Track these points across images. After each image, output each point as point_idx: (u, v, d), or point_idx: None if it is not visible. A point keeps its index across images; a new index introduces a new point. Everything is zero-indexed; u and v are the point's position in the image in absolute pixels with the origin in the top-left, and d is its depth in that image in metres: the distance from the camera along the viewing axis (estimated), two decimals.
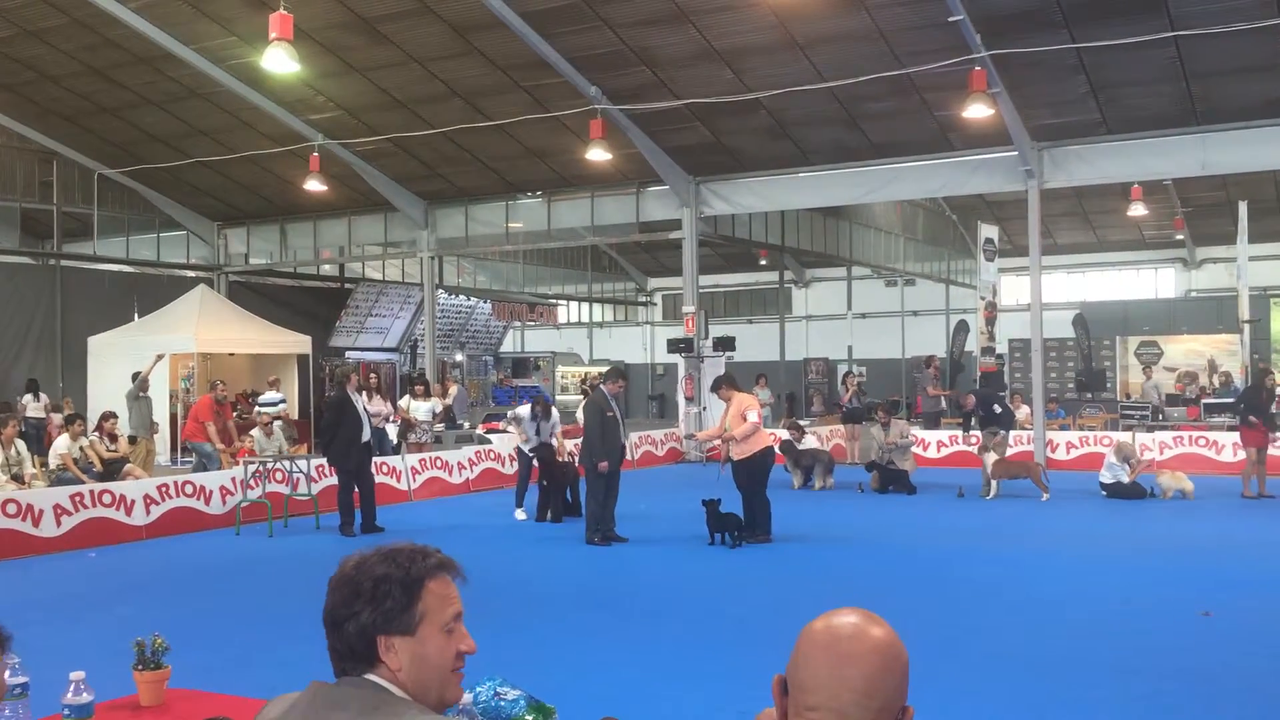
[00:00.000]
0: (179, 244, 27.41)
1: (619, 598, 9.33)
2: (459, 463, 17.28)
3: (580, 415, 15.03)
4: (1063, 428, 21.33)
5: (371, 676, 1.92)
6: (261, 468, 13.72)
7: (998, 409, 17.39)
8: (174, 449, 20.42)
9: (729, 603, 8.97)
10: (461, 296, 31.80)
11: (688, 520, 12.36)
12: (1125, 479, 15.19)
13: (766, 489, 11.76)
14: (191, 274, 26.87)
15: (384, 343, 30.10)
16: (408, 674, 1.92)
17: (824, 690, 1.66)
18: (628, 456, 20.51)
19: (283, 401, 21.18)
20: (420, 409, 19.65)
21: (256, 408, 19.69)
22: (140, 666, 5.54)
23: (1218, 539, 11.80)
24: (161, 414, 19.84)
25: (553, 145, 21.49)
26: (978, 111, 16.47)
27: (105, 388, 20.34)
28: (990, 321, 22.07)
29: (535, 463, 14.08)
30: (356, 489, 12.97)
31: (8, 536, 11.25)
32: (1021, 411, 20.44)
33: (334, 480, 13.42)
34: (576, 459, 13.58)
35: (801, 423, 20.14)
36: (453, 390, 22.95)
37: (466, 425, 22.19)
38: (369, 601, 1.92)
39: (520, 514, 14.10)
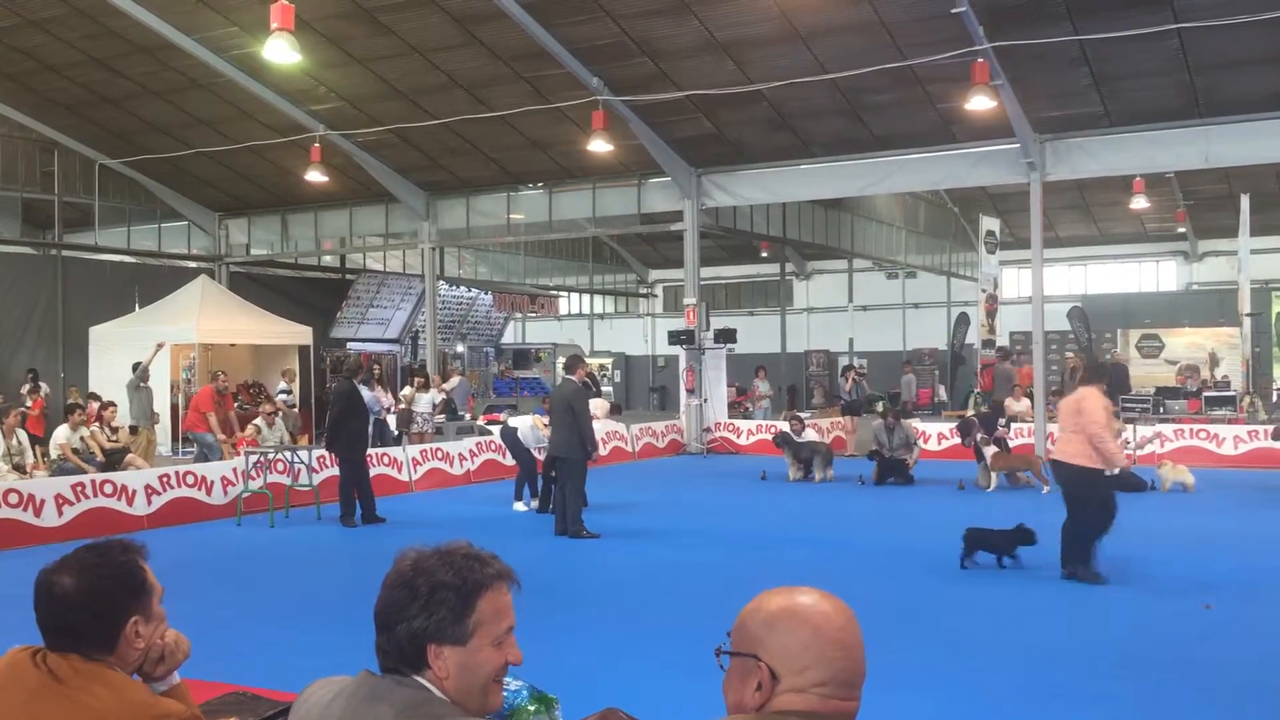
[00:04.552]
0: (180, 234, 27.39)
1: (620, 589, 9.35)
2: (460, 454, 17.29)
3: (544, 407, 14.96)
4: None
5: (418, 679, 1.90)
6: (263, 458, 13.74)
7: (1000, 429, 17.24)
8: (175, 439, 20.45)
9: (732, 595, 8.97)
10: (463, 288, 31.79)
11: (689, 513, 12.39)
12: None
13: None
14: (193, 264, 26.87)
15: (385, 334, 30.10)
16: (453, 682, 1.90)
17: (832, 666, 1.82)
18: (629, 449, 20.72)
19: (287, 393, 21.25)
20: (421, 400, 19.68)
21: (279, 396, 19.75)
22: None
23: (1218, 532, 11.80)
24: (162, 404, 19.85)
25: (554, 136, 21.45)
26: (980, 103, 16.42)
27: (106, 378, 20.35)
28: (991, 314, 22.04)
29: (540, 455, 14.09)
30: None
31: (9, 526, 11.28)
32: (1022, 403, 20.42)
33: (335, 471, 13.45)
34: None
35: (802, 415, 20.14)
36: (453, 380, 22.94)
37: (467, 416, 22.21)
38: (423, 608, 1.89)
39: (520, 506, 14.11)
